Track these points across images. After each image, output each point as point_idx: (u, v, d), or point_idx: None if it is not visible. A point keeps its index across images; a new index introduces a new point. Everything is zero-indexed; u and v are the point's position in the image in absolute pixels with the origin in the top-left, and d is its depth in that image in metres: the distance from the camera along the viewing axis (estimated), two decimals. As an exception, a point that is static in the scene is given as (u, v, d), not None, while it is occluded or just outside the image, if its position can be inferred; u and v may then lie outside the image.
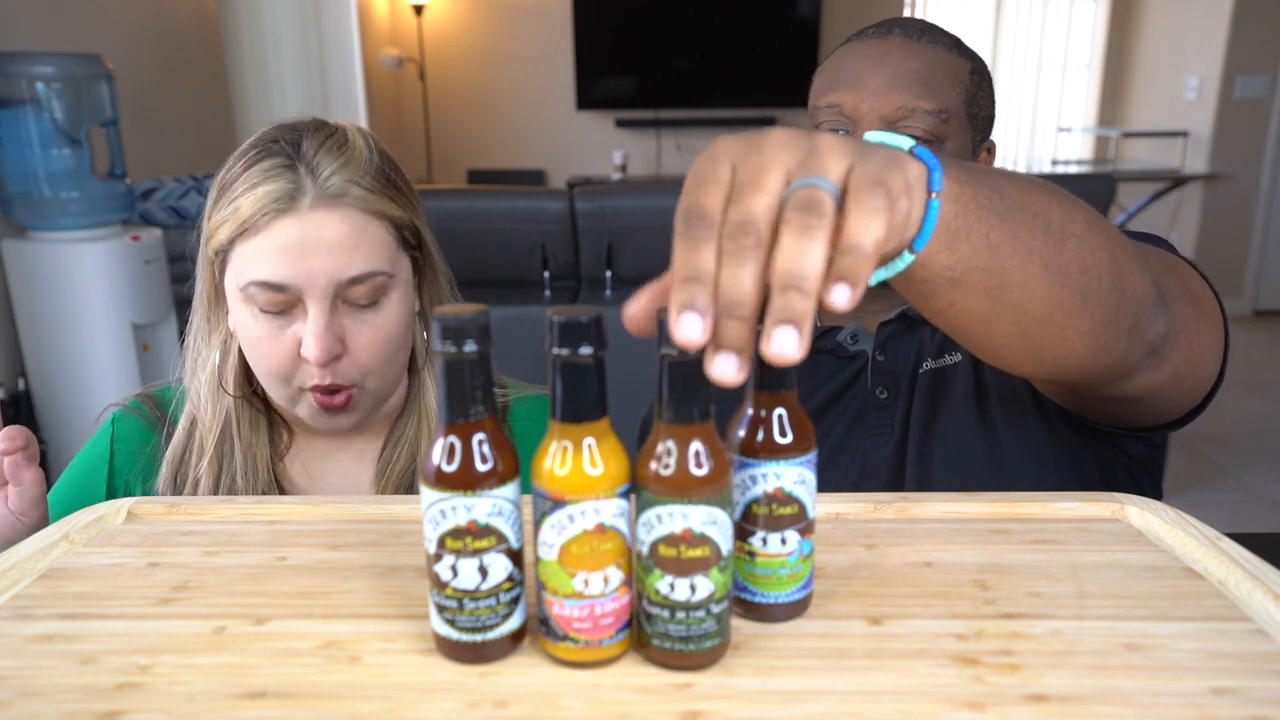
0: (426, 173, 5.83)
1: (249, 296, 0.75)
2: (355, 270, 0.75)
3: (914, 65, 0.83)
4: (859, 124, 0.84)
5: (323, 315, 0.74)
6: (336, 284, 0.74)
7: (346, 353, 0.76)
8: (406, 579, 0.52)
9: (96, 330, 2.34)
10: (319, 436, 0.87)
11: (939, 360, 0.89)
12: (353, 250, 0.75)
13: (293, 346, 0.75)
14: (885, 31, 0.86)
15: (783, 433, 0.45)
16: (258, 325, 0.76)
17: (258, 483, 0.83)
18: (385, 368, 0.79)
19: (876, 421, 0.90)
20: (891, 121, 0.82)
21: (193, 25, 3.45)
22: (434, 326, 0.40)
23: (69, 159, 2.34)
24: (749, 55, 5.71)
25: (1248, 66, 4.76)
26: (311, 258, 0.73)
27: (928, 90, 0.82)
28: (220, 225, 0.75)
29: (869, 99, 0.83)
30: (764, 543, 0.45)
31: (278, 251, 0.73)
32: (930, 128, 0.82)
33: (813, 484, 0.46)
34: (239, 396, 0.82)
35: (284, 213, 0.73)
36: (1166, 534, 0.56)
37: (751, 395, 0.45)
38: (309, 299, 0.74)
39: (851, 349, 0.93)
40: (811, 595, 0.48)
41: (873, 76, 0.83)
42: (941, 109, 0.82)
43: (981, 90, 0.87)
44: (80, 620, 0.47)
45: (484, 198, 2.56)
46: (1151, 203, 4.90)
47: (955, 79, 0.84)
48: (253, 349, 0.77)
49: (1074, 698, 0.40)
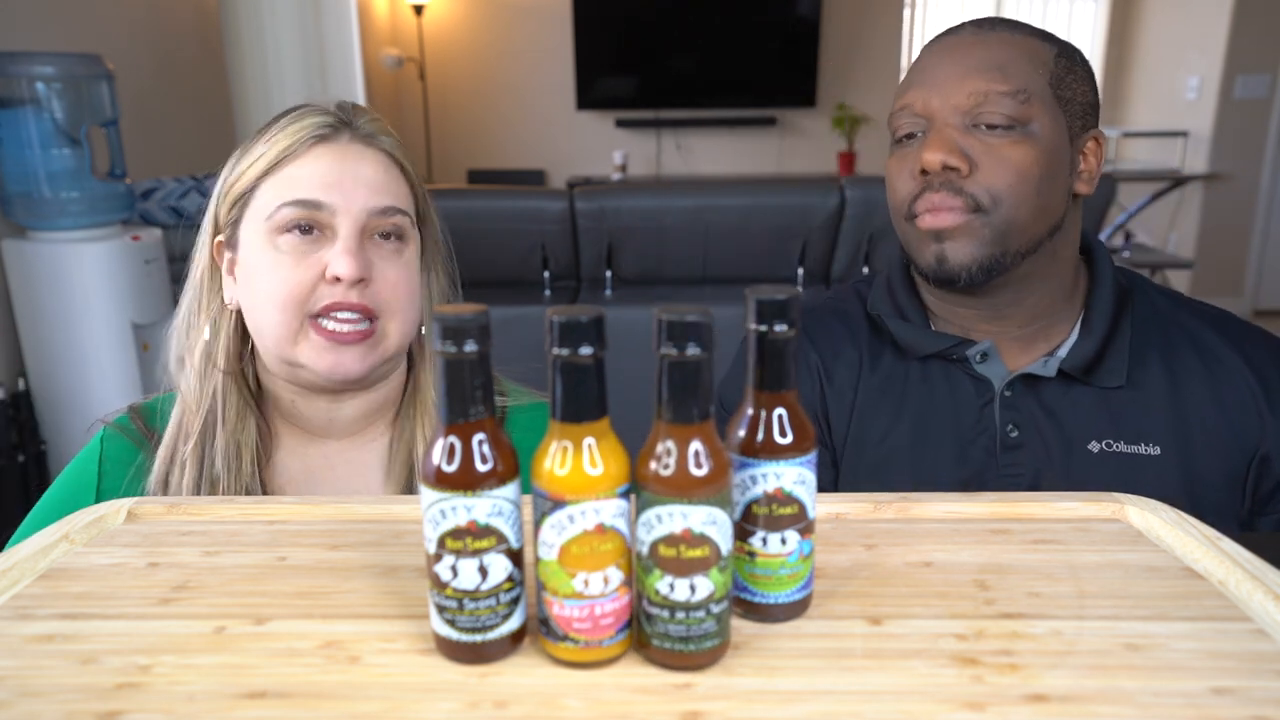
0: (426, 173, 5.83)
1: (277, 223, 0.75)
2: (385, 202, 0.78)
3: (985, 53, 0.80)
4: (934, 119, 0.81)
5: (353, 237, 0.76)
6: (369, 211, 0.77)
7: (372, 282, 0.77)
8: (406, 579, 0.52)
9: (96, 330, 2.34)
10: (308, 438, 0.85)
11: (1132, 446, 0.83)
12: (384, 187, 0.78)
13: (317, 270, 0.75)
14: (956, 30, 0.84)
15: (783, 433, 0.45)
16: (281, 254, 0.75)
17: (241, 474, 0.80)
18: (405, 312, 0.79)
19: (1008, 461, 0.85)
20: (967, 110, 0.79)
21: (192, 25, 3.45)
22: (434, 326, 0.40)
23: (69, 159, 2.34)
24: (749, 55, 5.71)
25: (1248, 66, 4.76)
26: (348, 184, 0.76)
27: (1002, 73, 0.78)
28: (249, 166, 0.77)
29: (940, 92, 0.80)
30: (764, 543, 0.45)
31: (317, 173, 0.76)
32: (1010, 111, 0.78)
33: (813, 484, 0.46)
34: (228, 372, 0.80)
35: (324, 140, 0.77)
36: (1166, 534, 0.56)
37: (751, 395, 0.45)
38: (341, 221, 0.76)
39: (978, 368, 0.87)
40: (811, 595, 0.48)
41: (941, 70, 0.81)
42: (1019, 89, 0.78)
43: (1073, 74, 0.82)
44: (80, 620, 0.47)
45: (484, 198, 2.56)
46: (1151, 203, 4.90)
47: (1035, 61, 0.80)
48: (273, 279, 0.75)
49: (1074, 698, 0.40)
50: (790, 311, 0.42)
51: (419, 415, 0.85)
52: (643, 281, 2.62)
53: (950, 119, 0.80)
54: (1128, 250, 3.84)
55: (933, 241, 0.82)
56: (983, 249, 0.80)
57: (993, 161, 0.79)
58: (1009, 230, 0.80)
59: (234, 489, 0.80)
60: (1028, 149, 0.79)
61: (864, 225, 2.52)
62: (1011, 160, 0.79)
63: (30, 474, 2.36)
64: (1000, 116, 0.78)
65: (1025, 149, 0.79)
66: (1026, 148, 0.79)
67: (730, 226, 2.51)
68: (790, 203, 2.51)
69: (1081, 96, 0.83)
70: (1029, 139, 0.79)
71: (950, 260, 0.81)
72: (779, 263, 2.56)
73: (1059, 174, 0.81)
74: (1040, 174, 0.79)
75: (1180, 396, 0.83)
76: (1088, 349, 0.84)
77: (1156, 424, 0.83)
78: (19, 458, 2.34)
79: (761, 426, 0.45)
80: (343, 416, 0.83)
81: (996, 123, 0.79)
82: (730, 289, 2.57)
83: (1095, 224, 2.42)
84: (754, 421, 0.45)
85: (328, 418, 0.83)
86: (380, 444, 0.86)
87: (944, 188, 0.80)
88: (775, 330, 0.43)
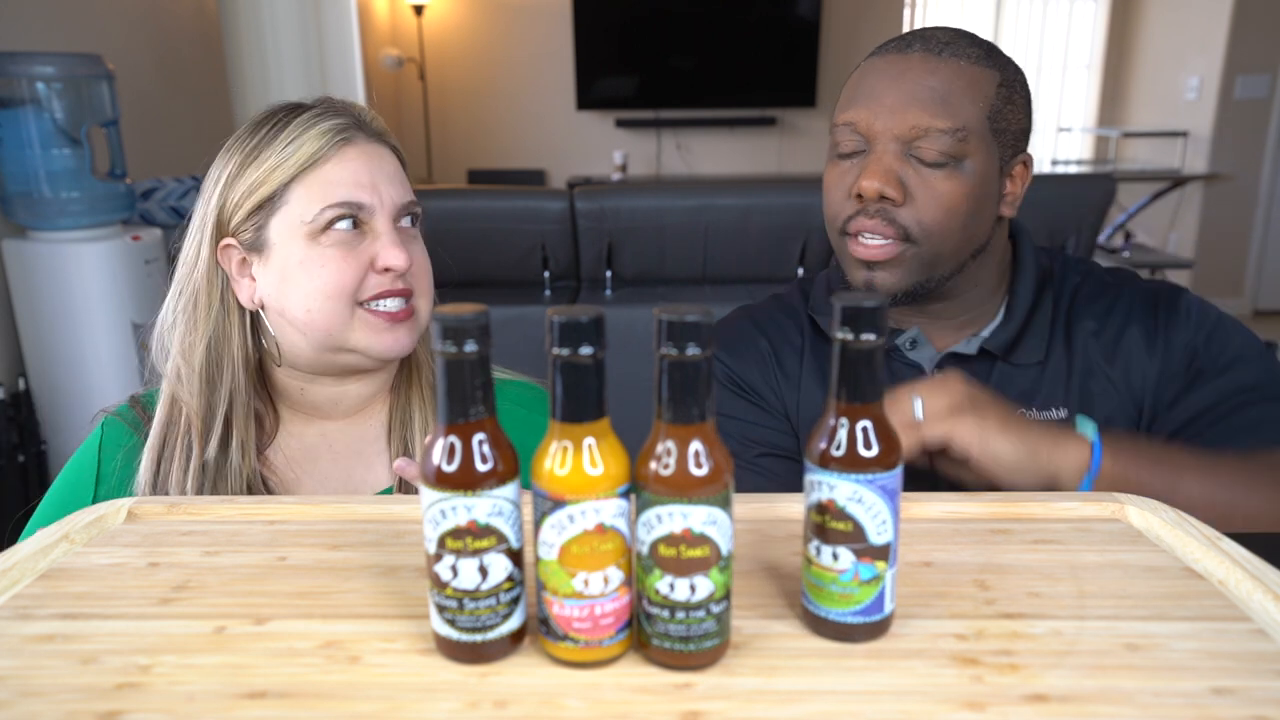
0: (426, 173, 5.83)
1: (320, 225, 0.79)
2: (408, 195, 0.84)
3: (931, 82, 0.81)
4: (874, 142, 0.83)
5: (392, 230, 0.81)
6: (399, 206, 0.82)
7: (412, 266, 0.83)
8: (406, 579, 0.52)
9: (96, 330, 2.34)
10: (308, 419, 0.87)
11: (1043, 413, 0.88)
12: (402, 181, 0.84)
13: (364, 262, 0.80)
14: (906, 45, 0.85)
15: (835, 445, 0.43)
16: (328, 250, 0.79)
17: (245, 469, 0.82)
18: (429, 290, 0.86)
19: None
20: (906, 140, 0.82)
21: (192, 25, 3.45)
22: (434, 327, 0.40)
23: (69, 159, 2.34)
24: (749, 55, 5.71)
25: (1248, 66, 4.76)
26: (379, 181, 0.81)
27: (944, 108, 0.81)
28: (271, 173, 0.79)
29: (883, 117, 0.82)
30: (817, 552, 0.45)
31: (353, 174, 0.80)
32: (946, 147, 0.81)
33: (874, 505, 0.43)
34: (246, 369, 0.83)
35: (349, 142, 0.81)
36: (1166, 534, 0.56)
37: (833, 405, 0.44)
38: (379, 218, 0.81)
39: (909, 355, 0.92)
40: (877, 626, 0.45)
41: (888, 94, 0.82)
42: (958, 127, 0.81)
43: (1011, 104, 0.85)
44: (80, 620, 0.47)
45: (484, 198, 2.56)
46: (1151, 203, 4.90)
47: (977, 94, 0.82)
48: (324, 274, 0.79)
49: (1074, 698, 0.40)
50: (879, 319, 0.42)
51: (414, 387, 0.89)
52: (643, 281, 2.62)
53: (889, 145, 0.83)
54: (1128, 250, 3.84)
55: (864, 269, 0.86)
56: (909, 277, 0.85)
57: (926, 195, 0.83)
58: (935, 259, 0.85)
59: (240, 476, 0.82)
60: (958, 184, 0.83)
61: (864, 225, 2.52)
62: (943, 195, 0.83)
63: (30, 474, 2.36)
64: (936, 154, 0.82)
65: (956, 184, 0.83)
66: (957, 183, 0.83)
67: (730, 226, 2.50)
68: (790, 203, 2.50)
69: (1016, 124, 0.86)
70: (960, 175, 0.83)
71: (879, 286, 0.86)
72: (779, 263, 2.56)
73: (987, 205, 0.86)
74: (968, 209, 0.84)
75: (1084, 361, 0.89)
76: (1008, 332, 0.90)
77: (1062, 390, 0.89)
78: (19, 458, 2.34)
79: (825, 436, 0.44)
80: (349, 396, 0.87)
81: (931, 160, 0.82)
82: (730, 289, 2.57)
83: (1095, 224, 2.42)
84: (832, 432, 0.44)
85: (334, 399, 0.87)
86: (378, 420, 0.90)
87: (878, 215, 0.84)
88: (862, 339, 0.42)
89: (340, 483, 0.87)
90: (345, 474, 0.88)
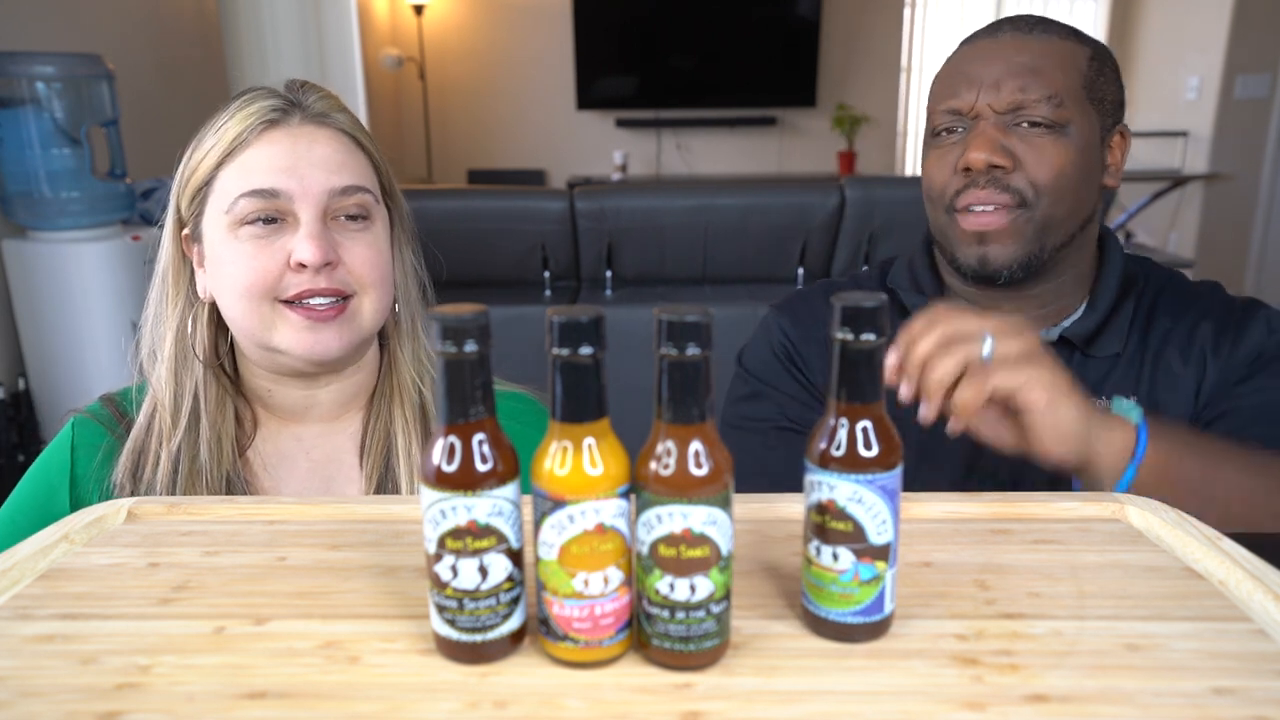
0: (427, 173, 5.83)
1: (237, 215, 0.74)
2: (345, 181, 0.76)
3: (1023, 58, 0.84)
4: (976, 121, 0.85)
5: (315, 221, 0.74)
6: (328, 192, 0.75)
7: (340, 263, 0.76)
8: (406, 579, 0.52)
9: (96, 330, 2.34)
10: (283, 423, 0.84)
11: None
12: (341, 166, 0.76)
13: (282, 258, 0.74)
14: (995, 30, 0.88)
15: (835, 445, 0.43)
16: (244, 244, 0.74)
17: (221, 464, 0.79)
18: (378, 288, 0.79)
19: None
20: (1007, 112, 0.83)
21: (192, 25, 3.45)
22: (434, 327, 0.40)
23: (69, 159, 2.34)
24: (749, 55, 5.71)
25: (1248, 66, 4.76)
26: (303, 168, 0.74)
27: (1040, 78, 0.83)
28: (203, 158, 0.76)
29: (982, 95, 0.84)
30: (817, 552, 0.45)
31: (270, 160, 0.74)
32: (1047, 114, 0.83)
33: (874, 505, 0.43)
34: (208, 365, 0.80)
35: (275, 125, 0.75)
36: (1166, 534, 0.56)
37: (833, 406, 0.44)
38: (301, 207, 0.74)
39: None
40: (875, 627, 0.45)
41: (984, 73, 0.85)
42: (1055, 94, 0.82)
43: (1104, 75, 0.87)
44: (80, 620, 0.47)
45: (484, 198, 2.56)
46: (1151, 203, 4.90)
47: (1070, 65, 0.84)
48: (236, 271, 0.75)
49: (1074, 698, 0.40)
50: (879, 319, 0.42)
51: (394, 395, 0.84)
52: (643, 281, 2.62)
53: (991, 118, 0.84)
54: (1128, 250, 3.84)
55: (976, 243, 0.86)
56: (1024, 247, 0.85)
57: (1035, 158, 0.83)
58: (1048, 225, 0.85)
59: (215, 477, 0.79)
60: (1065, 148, 0.84)
61: (864, 225, 2.52)
62: (1052, 156, 0.83)
63: (30, 474, 2.36)
64: (1039, 117, 0.83)
65: (1063, 148, 0.84)
66: (1063, 147, 0.84)
67: (730, 226, 2.50)
68: (790, 203, 2.50)
69: (1111, 96, 0.88)
70: (1065, 139, 0.84)
71: (993, 262, 0.86)
72: (779, 263, 2.56)
73: (1093, 171, 0.87)
74: (1076, 174, 0.84)
75: (1156, 358, 0.90)
76: (1090, 323, 0.90)
77: (1132, 384, 0.89)
78: (19, 458, 2.34)
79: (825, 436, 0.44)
80: (320, 402, 0.83)
81: (1037, 120, 0.83)
82: (730, 289, 2.57)
83: (1095, 224, 2.42)
84: (832, 432, 0.44)
85: (305, 404, 0.83)
86: (356, 427, 0.86)
87: (989, 185, 0.84)
88: (862, 339, 0.42)
89: (318, 491, 0.84)
90: (324, 483, 0.84)
